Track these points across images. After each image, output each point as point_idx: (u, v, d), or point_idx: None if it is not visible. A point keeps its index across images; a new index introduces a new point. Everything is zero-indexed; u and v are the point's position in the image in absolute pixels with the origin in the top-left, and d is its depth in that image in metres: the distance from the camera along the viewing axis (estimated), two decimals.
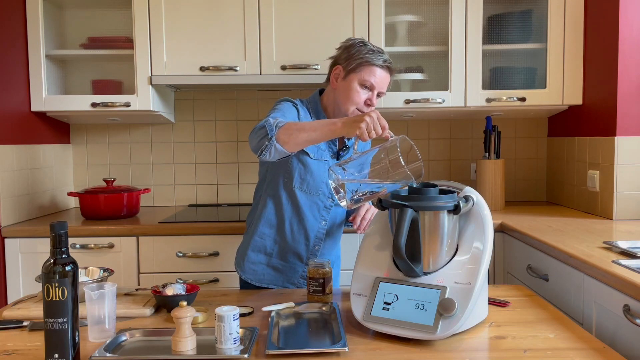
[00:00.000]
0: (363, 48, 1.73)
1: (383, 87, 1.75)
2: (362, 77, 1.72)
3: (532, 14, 2.77)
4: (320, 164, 1.78)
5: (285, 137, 1.52)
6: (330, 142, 1.82)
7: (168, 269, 2.44)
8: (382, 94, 1.77)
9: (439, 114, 2.88)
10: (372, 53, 1.72)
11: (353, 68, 1.72)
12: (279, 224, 1.81)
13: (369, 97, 1.73)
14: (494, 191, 2.75)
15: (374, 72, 1.72)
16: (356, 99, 1.73)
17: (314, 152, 1.77)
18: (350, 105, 1.74)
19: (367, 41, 1.78)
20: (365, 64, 1.71)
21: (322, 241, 1.84)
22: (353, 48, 1.74)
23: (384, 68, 1.73)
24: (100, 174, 3.06)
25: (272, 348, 1.13)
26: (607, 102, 2.43)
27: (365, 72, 1.72)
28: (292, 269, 1.84)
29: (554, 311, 1.40)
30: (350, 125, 1.47)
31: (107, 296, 1.25)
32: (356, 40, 1.77)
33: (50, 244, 1.08)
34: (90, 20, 2.94)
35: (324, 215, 1.82)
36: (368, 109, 1.73)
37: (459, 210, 1.26)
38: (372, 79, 1.71)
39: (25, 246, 2.42)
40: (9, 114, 2.51)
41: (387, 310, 1.25)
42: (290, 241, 1.82)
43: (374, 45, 1.77)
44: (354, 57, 1.73)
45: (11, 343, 1.23)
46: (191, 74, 2.62)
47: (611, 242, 1.81)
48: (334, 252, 1.92)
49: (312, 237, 1.82)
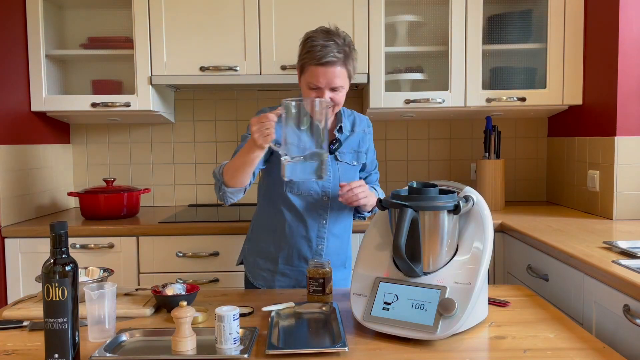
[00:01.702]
0: (303, 47, 1.65)
1: (332, 83, 1.63)
2: (306, 79, 1.66)
3: (532, 14, 2.77)
4: None
5: (228, 178, 1.62)
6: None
7: (168, 269, 2.44)
8: (337, 88, 1.65)
9: (439, 114, 2.88)
10: (311, 52, 1.62)
11: (300, 70, 1.69)
12: (279, 228, 1.81)
13: (317, 95, 1.64)
14: (494, 191, 2.75)
15: (314, 72, 1.62)
16: None
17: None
18: None
19: (318, 32, 1.65)
20: (305, 65, 1.65)
21: (325, 240, 1.82)
22: (300, 47, 1.68)
23: (325, 65, 1.61)
24: (100, 174, 3.06)
25: (272, 348, 1.13)
26: (607, 102, 2.43)
27: (307, 73, 1.65)
28: (300, 272, 1.82)
29: (554, 311, 1.40)
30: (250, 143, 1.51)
31: (107, 296, 1.25)
32: (305, 37, 1.68)
33: (50, 244, 1.08)
34: (90, 20, 2.94)
35: (322, 214, 1.80)
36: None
37: (459, 210, 1.26)
38: (314, 80, 1.63)
39: (25, 246, 2.42)
40: (9, 114, 2.51)
41: (387, 310, 1.25)
42: (292, 244, 1.80)
43: (326, 32, 1.65)
44: (299, 58, 1.68)
45: (11, 343, 1.23)
46: (191, 74, 2.62)
47: (611, 242, 1.81)
48: (342, 252, 1.88)
49: (313, 237, 1.81)
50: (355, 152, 1.85)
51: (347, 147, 1.83)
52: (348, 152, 1.83)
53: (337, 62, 1.62)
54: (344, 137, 1.83)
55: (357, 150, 1.85)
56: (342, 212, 1.84)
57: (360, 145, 1.86)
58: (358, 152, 1.85)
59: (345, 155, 1.82)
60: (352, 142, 1.84)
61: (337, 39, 1.63)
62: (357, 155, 1.85)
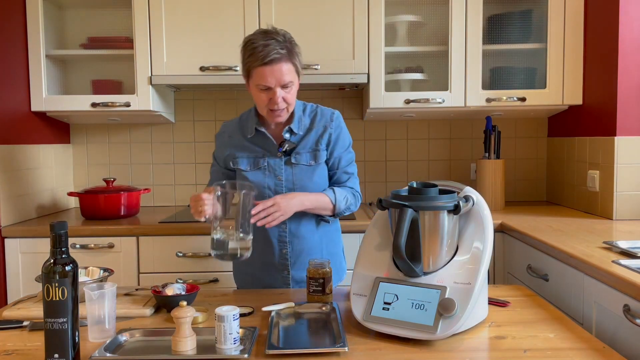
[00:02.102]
0: (247, 50, 1.64)
1: (282, 80, 1.62)
2: (255, 82, 1.64)
3: (532, 14, 2.77)
4: (257, 173, 1.76)
5: None
6: (267, 144, 1.77)
7: (168, 269, 2.44)
8: (288, 84, 1.64)
9: (439, 114, 2.88)
10: (253, 54, 1.61)
11: (246, 75, 1.67)
12: None
13: (270, 96, 1.64)
14: (494, 191, 2.75)
15: (261, 73, 1.61)
16: (261, 103, 1.67)
17: (249, 164, 1.77)
18: (262, 110, 1.70)
19: (256, 35, 1.64)
20: (251, 69, 1.63)
21: (289, 244, 1.78)
22: (241, 53, 1.67)
23: (270, 64, 1.59)
24: (100, 174, 3.06)
25: (272, 348, 1.13)
26: (607, 102, 2.43)
27: (254, 76, 1.63)
28: (273, 277, 1.82)
29: (554, 311, 1.40)
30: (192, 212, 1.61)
31: (107, 296, 1.25)
32: (244, 42, 1.66)
33: (50, 244, 1.08)
34: (90, 20, 2.94)
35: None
36: (278, 106, 1.66)
37: (459, 210, 1.26)
38: (263, 81, 1.62)
39: (25, 246, 2.42)
40: (9, 113, 2.51)
41: (387, 310, 1.25)
42: (260, 251, 1.78)
43: (264, 33, 1.63)
44: (243, 64, 1.67)
45: (11, 343, 1.23)
46: (191, 74, 2.62)
47: (611, 242, 1.81)
48: (316, 252, 1.82)
49: (275, 242, 1.78)
50: (313, 150, 1.77)
51: (303, 147, 1.77)
52: (304, 153, 1.77)
53: (282, 59, 1.61)
54: (297, 138, 1.77)
55: (315, 149, 1.77)
56: (304, 215, 1.78)
57: (320, 142, 1.77)
58: (316, 151, 1.77)
59: (300, 157, 1.76)
60: (309, 141, 1.77)
61: (276, 37, 1.62)
62: (315, 154, 1.77)
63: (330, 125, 1.79)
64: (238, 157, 1.79)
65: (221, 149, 1.85)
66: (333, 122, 1.80)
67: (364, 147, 3.07)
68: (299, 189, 1.76)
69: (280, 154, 1.77)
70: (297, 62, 1.67)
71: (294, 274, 1.81)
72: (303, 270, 1.80)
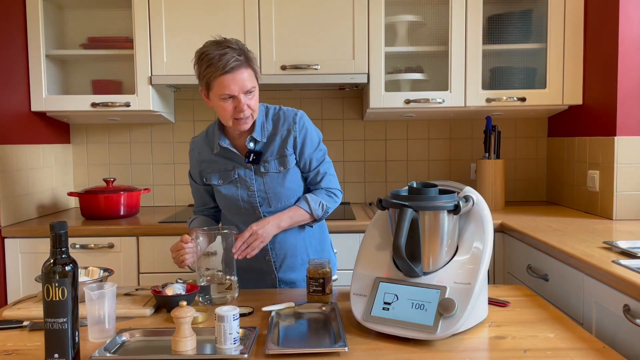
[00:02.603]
0: (203, 62, 1.60)
1: (245, 87, 1.60)
2: (217, 93, 1.60)
3: (532, 14, 2.77)
4: (229, 186, 1.75)
5: None
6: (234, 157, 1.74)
7: (168, 269, 2.44)
8: (250, 90, 1.62)
9: (439, 114, 2.88)
10: (211, 64, 1.57)
11: (206, 87, 1.63)
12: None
13: (235, 104, 1.61)
14: (494, 191, 2.75)
15: (223, 82, 1.57)
16: (226, 115, 1.63)
17: (221, 178, 1.76)
18: (226, 121, 1.65)
19: (209, 46, 1.61)
20: (211, 80, 1.59)
21: (271, 250, 1.77)
22: (197, 67, 1.63)
23: (231, 72, 1.57)
24: (100, 174, 3.06)
25: (272, 348, 1.13)
26: (607, 102, 2.43)
27: (215, 87, 1.59)
28: (263, 281, 1.82)
29: (554, 311, 1.40)
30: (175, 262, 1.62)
31: (107, 296, 1.25)
32: (198, 55, 1.63)
33: (50, 244, 1.08)
34: (90, 20, 2.94)
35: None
36: (244, 114, 1.62)
37: (459, 210, 1.26)
38: (226, 91, 1.58)
39: (25, 246, 2.42)
40: (9, 114, 2.51)
41: (387, 310, 1.25)
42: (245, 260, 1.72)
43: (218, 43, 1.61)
44: (201, 78, 1.63)
45: (11, 343, 1.23)
46: (191, 74, 2.61)
47: (611, 242, 1.81)
48: (301, 253, 1.80)
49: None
50: (280, 157, 1.73)
51: (270, 153, 1.73)
52: (272, 160, 1.73)
53: (241, 65, 1.59)
54: (261, 145, 1.73)
55: (281, 155, 1.72)
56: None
57: (286, 147, 1.72)
58: (283, 157, 1.72)
59: (269, 165, 1.72)
60: (275, 147, 1.73)
61: (230, 45, 1.60)
62: (283, 160, 1.72)
63: (294, 128, 1.73)
64: (210, 173, 1.78)
65: (194, 166, 1.83)
66: (296, 124, 1.74)
67: (364, 147, 3.07)
68: (272, 197, 1.73)
69: (249, 165, 1.73)
70: (256, 67, 1.65)
71: (281, 277, 1.81)
72: (290, 272, 1.80)
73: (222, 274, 1.55)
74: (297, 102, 3.00)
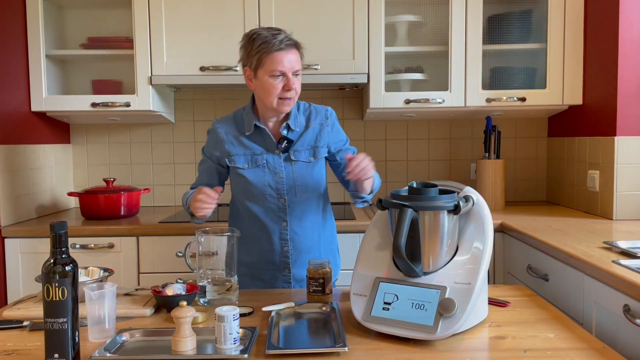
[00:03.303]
0: (256, 40, 1.66)
1: (294, 67, 1.67)
2: (268, 69, 1.65)
3: (532, 14, 2.77)
4: (256, 170, 1.77)
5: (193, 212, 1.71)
6: (265, 141, 1.78)
7: (168, 269, 2.44)
8: (298, 72, 1.69)
9: (439, 114, 2.88)
10: (266, 42, 1.64)
11: (257, 65, 1.67)
12: (244, 235, 1.79)
13: (284, 82, 1.67)
14: (494, 191, 2.75)
15: (276, 58, 1.64)
16: (273, 91, 1.67)
17: (247, 162, 1.77)
18: (272, 99, 1.69)
19: (260, 29, 1.70)
20: (264, 55, 1.65)
21: (290, 242, 1.79)
22: (248, 45, 1.69)
23: (284, 49, 1.65)
24: (100, 174, 3.06)
25: (272, 348, 1.13)
26: (607, 102, 2.43)
27: (268, 63, 1.65)
28: (275, 276, 1.82)
29: (554, 311, 1.40)
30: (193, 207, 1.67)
31: (107, 296, 1.25)
32: (249, 35, 1.70)
33: (50, 244, 1.08)
34: (90, 20, 2.94)
35: (282, 216, 1.78)
36: (289, 94, 1.68)
37: (459, 210, 1.26)
38: (279, 66, 1.65)
39: (25, 246, 2.42)
40: (9, 113, 2.51)
41: (387, 310, 1.25)
42: (257, 249, 1.79)
43: (269, 28, 1.70)
44: (251, 55, 1.67)
45: (11, 343, 1.23)
46: (191, 74, 2.62)
47: (611, 242, 1.81)
48: (314, 250, 1.84)
49: (276, 241, 1.79)
50: (312, 147, 1.79)
51: (302, 144, 1.78)
52: (303, 150, 1.78)
53: (293, 46, 1.69)
54: (296, 135, 1.78)
55: (313, 146, 1.79)
56: (304, 212, 1.80)
57: (318, 139, 1.79)
58: (315, 148, 1.79)
59: (300, 154, 1.78)
60: (308, 138, 1.79)
61: (282, 30, 1.69)
62: (315, 150, 1.79)
63: (327, 122, 1.82)
64: (234, 155, 1.78)
65: (214, 145, 1.83)
66: (328, 119, 1.83)
67: (364, 147, 3.07)
68: (300, 186, 1.77)
69: (279, 152, 1.77)
70: (302, 53, 1.74)
71: (295, 273, 1.82)
72: (303, 269, 1.80)
73: (223, 274, 1.55)
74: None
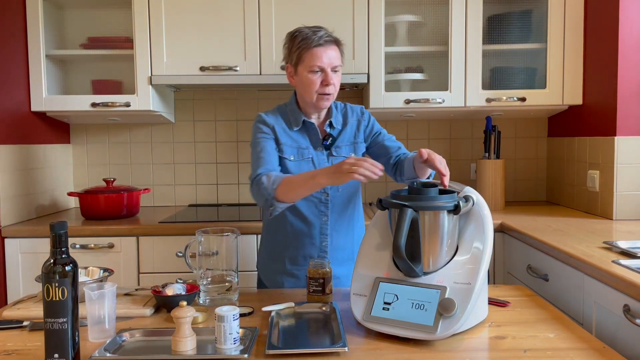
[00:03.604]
0: (297, 37, 1.72)
1: (333, 62, 1.72)
2: (308, 65, 1.70)
3: (532, 14, 2.77)
4: (302, 163, 1.78)
5: (283, 196, 1.63)
6: (311, 136, 1.81)
7: (168, 269, 2.44)
8: (337, 68, 1.74)
9: (439, 114, 2.88)
10: (306, 38, 1.70)
11: (297, 61, 1.73)
12: (282, 228, 1.82)
13: (322, 78, 1.71)
14: (494, 191, 2.75)
15: (315, 53, 1.69)
16: (312, 86, 1.72)
17: (294, 154, 1.78)
18: (312, 94, 1.73)
19: (302, 27, 1.75)
20: (304, 51, 1.70)
21: (329, 237, 1.81)
22: (290, 43, 1.74)
23: (324, 45, 1.70)
24: (100, 174, 3.06)
25: (272, 348, 1.13)
26: (607, 102, 2.43)
27: (307, 58, 1.70)
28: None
29: (554, 311, 1.40)
30: (332, 176, 1.52)
31: (107, 296, 1.25)
32: (291, 33, 1.75)
33: (50, 244, 1.08)
34: (90, 20, 2.94)
35: (323, 210, 1.80)
36: (327, 89, 1.72)
37: (459, 210, 1.26)
38: (317, 62, 1.69)
39: (25, 246, 2.42)
40: (9, 114, 2.51)
41: (387, 310, 1.25)
42: (296, 244, 1.81)
43: (311, 26, 1.75)
44: (292, 51, 1.73)
45: (11, 343, 1.23)
46: (191, 74, 2.62)
47: (611, 242, 1.81)
48: (349, 247, 1.86)
49: (316, 235, 1.81)
50: (352, 143, 1.85)
51: (342, 140, 1.83)
52: (344, 146, 1.83)
53: (332, 43, 1.73)
54: (336, 132, 1.84)
55: (353, 142, 1.85)
56: (344, 208, 1.84)
57: (357, 135, 1.86)
58: (355, 143, 1.85)
59: (341, 149, 1.82)
60: (347, 135, 1.84)
61: (322, 28, 1.74)
62: (355, 146, 1.85)
63: (363, 118, 1.89)
64: (283, 144, 1.79)
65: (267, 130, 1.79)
66: (364, 114, 1.90)
67: None
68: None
69: (322, 148, 1.81)
70: (342, 50, 1.78)
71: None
72: (337, 267, 1.81)
73: (223, 274, 1.55)
74: None
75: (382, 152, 1.87)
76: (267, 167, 1.71)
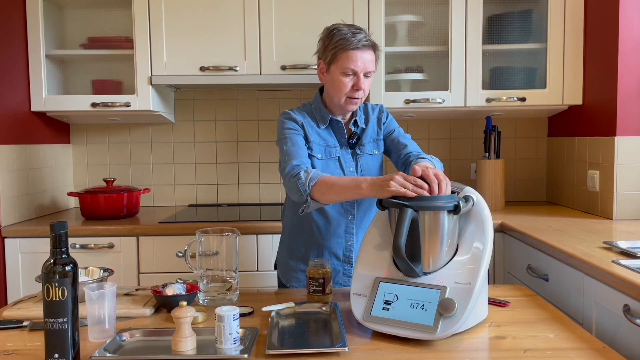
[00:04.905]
0: (335, 35, 1.68)
1: (367, 67, 1.69)
2: (341, 66, 1.67)
3: (532, 14, 2.77)
4: (329, 162, 1.77)
5: (319, 195, 1.58)
6: (338, 135, 1.80)
7: (168, 269, 2.44)
8: (369, 73, 1.71)
9: (439, 114, 2.88)
10: (344, 38, 1.66)
11: (331, 59, 1.70)
12: (307, 228, 1.81)
13: (354, 82, 1.69)
14: (494, 191, 2.75)
15: (351, 57, 1.66)
16: (343, 89, 1.70)
17: (321, 152, 1.77)
18: (340, 96, 1.71)
19: (341, 25, 1.71)
20: (340, 51, 1.67)
21: (354, 236, 1.81)
22: (327, 39, 1.71)
23: (361, 49, 1.67)
24: (100, 174, 3.06)
25: (272, 348, 1.13)
26: (607, 102, 2.43)
27: (342, 60, 1.67)
28: (335, 270, 1.82)
29: (554, 311, 1.40)
30: (377, 188, 1.42)
31: (107, 296, 1.25)
32: (329, 29, 1.72)
33: (50, 244, 1.08)
34: (90, 20, 2.94)
35: (349, 209, 1.80)
36: (357, 94, 1.70)
37: (459, 210, 1.27)
38: (352, 65, 1.66)
39: (25, 246, 2.42)
40: (9, 114, 2.51)
41: (387, 310, 1.25)
42: (322, 243, 1.80)
43: (350, 25, 1.71)
44: (329, 48, 1.69)
45: (11, 343, 1.23)
46: (191, 74, 2.62)
47: (611, 242, 1.81)
48: None
49: (342, 234, 1.80)
50: (375, 140, 1.85)
51: (366, 138, 1.84)
52: (368, 143, 1.84)
53: (369, 47, 1.70)
54: (360, 130, 1.84)
55: (376, 139, 1.86)
56: (370, 206, 1.84)
57: (378, 132, 1.87)
58: (377, 141, 1.86)
59: (365, 147, 1.83)
60: (370, 132, 1.85)
61: (363, 29, 1.71)
62: (377, 143, 1.86)
63: (382, 115, 1.89)
64: (312, 142, 1.77)
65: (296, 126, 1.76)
66: (383, 112, 1.90)
67: None
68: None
69: (347, 147, 1.82)
70: (378, 56, 1.76)
71: (348, 270, 1.83)
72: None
73: (223, 274, 1.55)
74: (297, 102, 3.00)
75: (392, 148, 1.88)
76: (301, 160, 1.66)
